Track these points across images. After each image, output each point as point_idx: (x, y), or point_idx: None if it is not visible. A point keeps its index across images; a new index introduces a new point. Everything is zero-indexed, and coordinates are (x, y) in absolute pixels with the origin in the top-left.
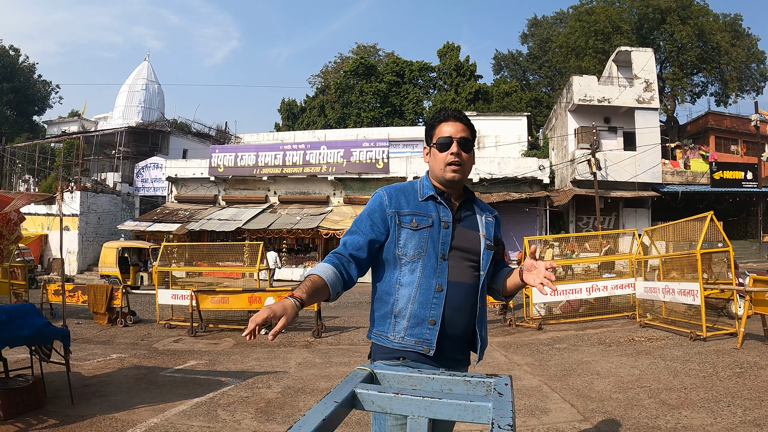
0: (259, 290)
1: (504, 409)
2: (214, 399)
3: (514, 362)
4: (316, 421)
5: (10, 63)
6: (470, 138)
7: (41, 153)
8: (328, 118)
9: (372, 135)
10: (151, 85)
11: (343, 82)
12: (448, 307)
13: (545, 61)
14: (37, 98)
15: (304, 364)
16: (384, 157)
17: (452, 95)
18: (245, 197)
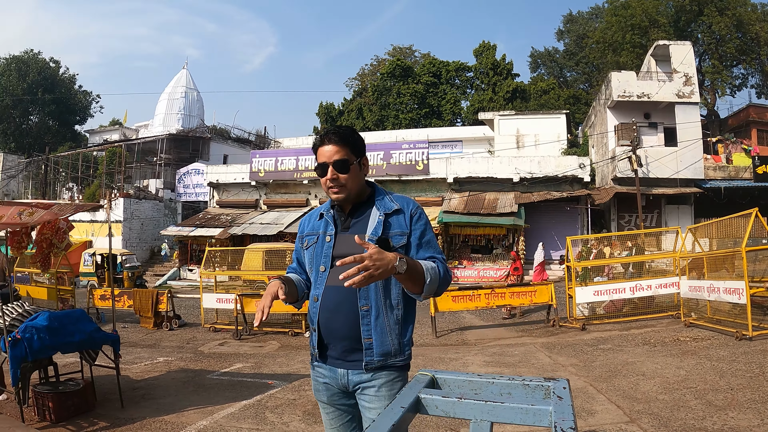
0: None
1: (565, 412)
2: (262, 401)
3: (559, 363)
4: (386, 426)
5: (51, 75)
6: (347, 157)
7: (84, 161)
8: (367, 121)
9: (411, 136)
10: (190, 93)
11: (380, 84)
12: (323, 314)
13: (582, 58)
14: (78, 108)
15: None
16: (424, 159)
17: (489, 94)
18: (286, 201)
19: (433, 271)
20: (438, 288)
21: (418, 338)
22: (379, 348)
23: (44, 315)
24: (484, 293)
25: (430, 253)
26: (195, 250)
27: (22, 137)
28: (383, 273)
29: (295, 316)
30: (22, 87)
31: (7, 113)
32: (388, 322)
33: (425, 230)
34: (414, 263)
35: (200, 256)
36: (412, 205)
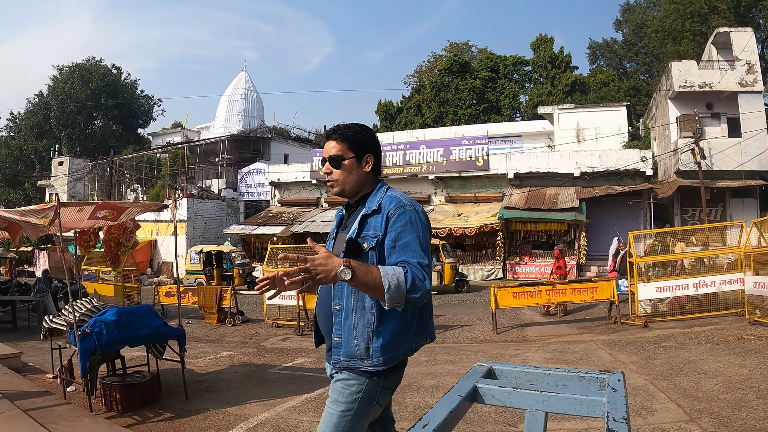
0: None
1: (618, 403)
2: (323, 395)
3: (620, 361)
4: (444, 413)
5: (113, 81)
6: (342, 153)
7: (147, 163)
8: (426, 118)
9: (470, 132)
10: (249, 94)
11: (438, 81)
12: (317, 306)
13: (641, 48)
14: (140, 112)
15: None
16: (483, 155)
17: (548, 88)
18: None
19: (395, 279)
20: (408, 296)
21: (479, 334)
22: (345, 348)
23: (113, 310)
24: (545, 289)
25: (403, 257)
26: (257, 248)
27: (87, 141)
28: (324, 279)
29: None
30: (86, 93)
31: (73, 119)
32: (356, 325)
33: (403, 232)
34: (367, 272)
35: (263, 254)
36: (393, 205)
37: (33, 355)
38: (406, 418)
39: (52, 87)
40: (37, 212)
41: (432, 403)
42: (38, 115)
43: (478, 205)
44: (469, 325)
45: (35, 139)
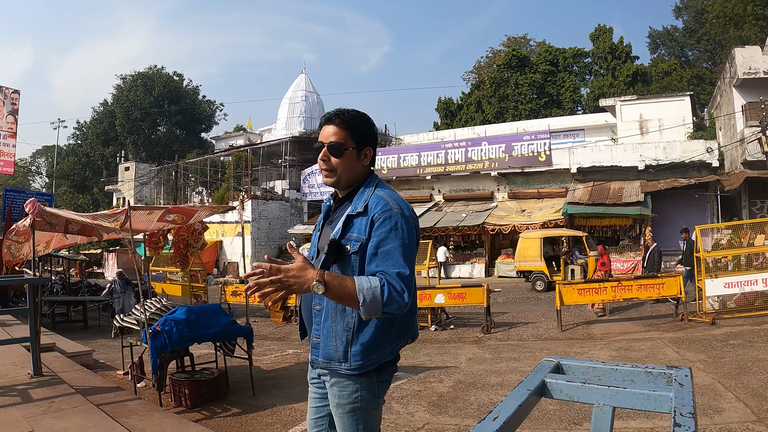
0: (429, 287)
1: (685, 398)
2: (388, 392)
3: (686, 359)
4: (513, 406)
5: (175, 87)
6: (344, 141)
7: (212, 166)
8: (486, 114)
9: (532, 127)
10: (310, 96)
11: (498, 76)
12: (301, 303)
13: (703, 34)
14: (203, 117)
15: (474, 359)
16: (546, 150)
17: (609, 80)
18: (410, 197)
19: (370, 292)
20: (384, 308)
21: (543, 332)
22: (323, 350)
23: (182, 309)
24: (610, 286)
25: (383, 266)
26: None
27: (152, 147)
28: (297, 290)
29: (421, 310)
30: (149, 100)
31: (137, 126)
32: (335, 327)
33: (386, 239)
34: (341, 286)
35: None
36: (380, 208)
37: (104, 353)
38: (471, 416)
39: (116, 96)
40: (108, 216)
41: (496, 401)
42: (104, 123)
43: (542, 201)
44: (534, 323)
45: (102, 145)
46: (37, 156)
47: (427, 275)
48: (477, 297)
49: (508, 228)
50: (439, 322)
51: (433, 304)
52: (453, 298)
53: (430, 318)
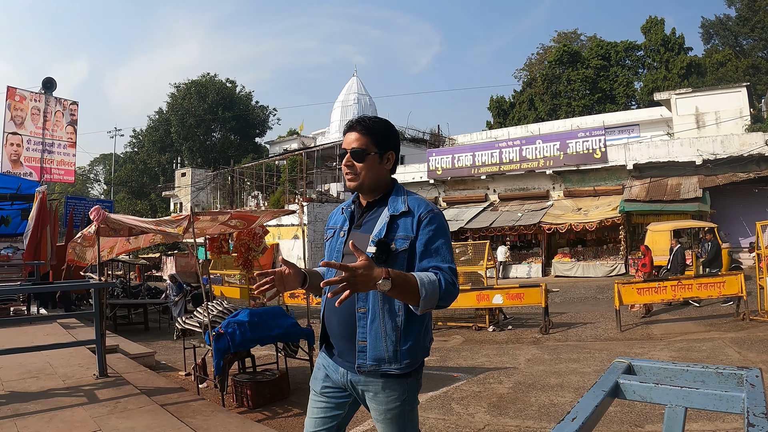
0: (487, 288)
1: (757, 399)
2: (448, 393)
3: (749, 359)
4: (590, 407)
5: (228, 94)
6: (366, 147)
7: (267, 171)
8: (539, 111)
9: (586, 124)
10: (362, 99)
11: (549, 73)
12: (327, 310)
13: (757, 22)
14: (257, 122)
15: (533, 360)
16: (601, 146)
17: (663, 73)
18: (465, 197)
19: (430, 286)
20: (439, 302)
21: (602, 332)
22: (372, 353)
23: (245, 311)
24: (670, 285)
25: (434, 262)
26: None
27: (207, 153)
28: (363, 288)
29: (479, 311)
30: (204, 107)
31: (192, 132)
32: (385, 328)
33: (434, 236)
34: (405, 282)
35: None
36: (423, 208)
37: (165, 354)
38: (531, 417)
39: (171, 104)
40: (171, 222)
41: (557, 403)
42: (159, 131)
43: (598, 198)
44: (593, 323)
45: (158, 152)
46: (95, 164)
47: (484, 275)
48: (535, 297)
49: (564, 227)
50: (497, 322)
51: (491, 304)
52: (511, 299)
53: (488, 318)
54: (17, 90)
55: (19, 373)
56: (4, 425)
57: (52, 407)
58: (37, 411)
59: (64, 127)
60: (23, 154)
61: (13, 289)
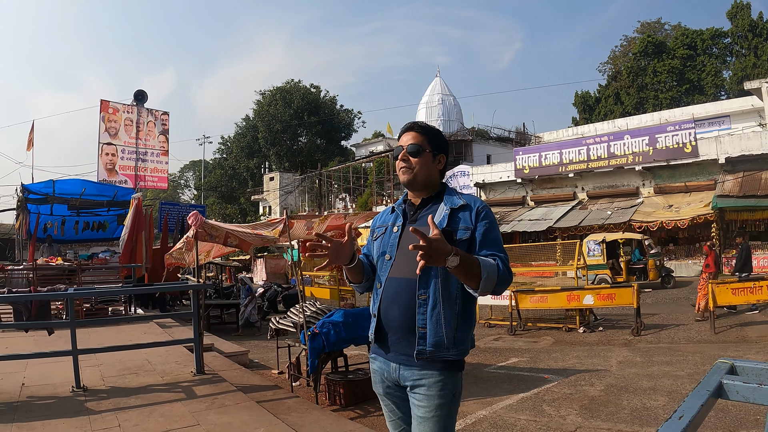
0: (578, 288)
1: None
2: (539, 395)
3: None
4: (696, 407)
5: (313, 99)
6: (422, 144)
7: (354, 173)
8: (625, 105)
9: (674, 117)
10: (446, 99)
11: (634, 65)
12: (384, 302)
13: None
14: (342, 126)
15: (624, 362)
16: (691, 140)
17: (752, 60)
18: (553, 196)
19: (491, 269)
20: (496, 286)
21: (695, 334)
22: (432, 338)
23: (339, 312)
24: (766, 285)
25: (492, 251)
26: None
27: (295, 157)
28: (436, 260)
29: (569, 311)
30: (289, 113)
31: (279, 137)
32: (445, 314)
33: (490, 228)
34: (469, 260)
35: None
36: (478, 203)
37: (257, 353)
38: (624, 420)
39: (257, 110)
40: (267, 225)
41: (649, 406)
42: (247, 137)
43: (689, 194)
44: (685, 325)
45: (246, 158)
46: (184, 171)
47: (575, 275)
48: (627, 297)
49: (655, 225)
50: (588, 323)
51: (582, 305)
52: (602, 299)
53: (578, 319)
54: (110, 103)
55: (119, 369)
56: (106, 418)
57: (151, 402)
58: (138, 405)
59: (156, 137)
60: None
61: (117, 291)
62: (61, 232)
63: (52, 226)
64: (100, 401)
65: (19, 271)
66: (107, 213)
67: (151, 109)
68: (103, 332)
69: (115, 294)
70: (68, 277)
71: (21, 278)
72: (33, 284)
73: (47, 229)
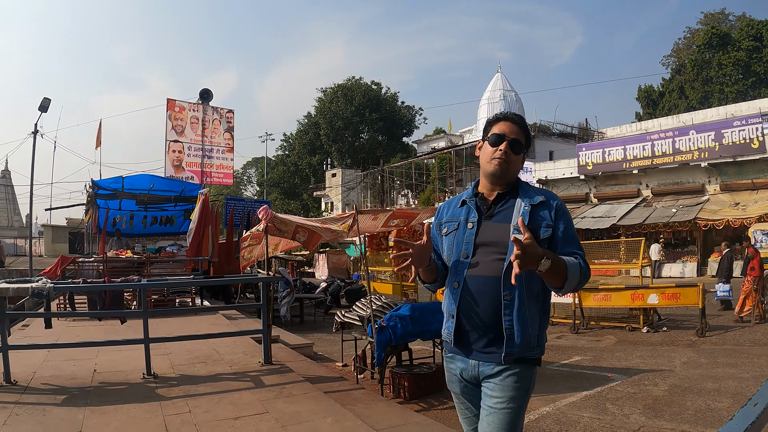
0: (642, 287)
1: None
2: (602, 393)
3: None
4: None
5: (374, 96)
6: (522, 142)
7: (416, 169)
8: (690, 100)
9: (741, 111)
10: (508, 95)
11: (698, 58)
12: (463, 302)
13: None
14: (403, 122)
15: (689, 363)
16: (758, 135)
17: None
18: (617, 192)
19: (574, 268)
20: (578, 285)
21: (761, 336)
22: (520, 338)
23: (406, 306)
24: None
25: (573, 248)
26: None
27: (356, 153)
28: (531, 264)
29: (633, 311)
30: (351, 110)
31: (341, 134)
32: (530, 313)
33: (569, 226)
34: (558, 262)
35: None
36: (556, 200)
37: (321, 346)
38: (687, 421)
39: (318, 108)
40: (336, 220)
41: (714, 407)
42: (309, 134)
43: (756, 192)
44: (751, 326)
45: (308, 154)
46: (247, 167)
47: (639, 274)
48: (692, 297)
49: (721, 223)
50: (651, 323)
51: (646, 304)
52: (667, 299)
53: (641, 319)
54: (176, 101)
55: (188, 358)
56: (177, 404)
57: (220, 390)
58: (207, 393)
59: (221, 134)
60: (184, 160)
61: (187, 282)
62: (129, 226)
63: (121, 221)
64: (170, 388)
65: (90, 263)
66: (174, 208)
67: (217, 107)
68: (171, 323)
69: (186, 285)
70: (137, 269)
71: (92, 270)
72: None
73: (116, 223)
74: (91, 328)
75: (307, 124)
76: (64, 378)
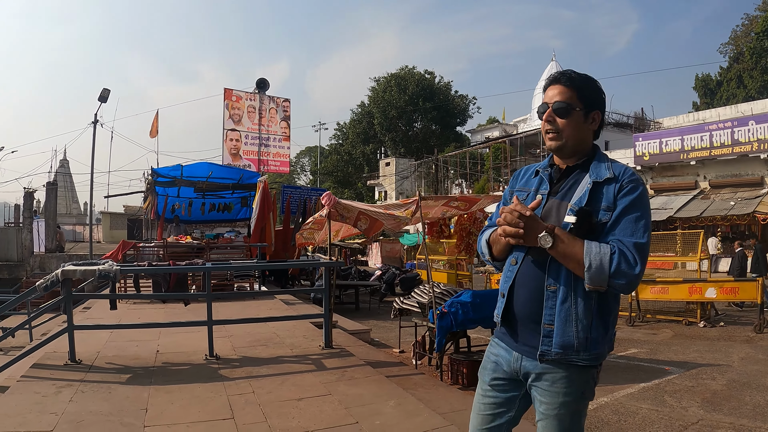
0: (700, 280)
1: None
2: (660, 385)
3: None
4: None
5: (428, 85)
6: (571, 101)
7: (470, 159)
8: (749, 89)
9: None
10: None
11: (757, 46)
12: (517, 281)
13: None
14: (457, 111)
15: (747, 359)
16: None
17: None
18: (673, 184)
19: (597, 258)
20: (610, 279)
21: None
22: (560, 338)
23: (468, 292)
24: None
25: (619, 235)
26: None
27: (410, 142)
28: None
29: (690, 304)
30: (404, 99)
31: (394, 123)
32: (576, 310)
33: (631, 206)
34: (569, 243)
35: None
36: (627, 175)
37: (377, 332)
38: (746, 416)
39: (372, 97)
40: (400, 206)
41: None
42: (362, 123)
43: None
44: None
45: (362, 144)
46: (300, 156)
47: (698, 268)
48: (750, 292)
49: None
50: (708, 318)
51: (704, 298)
52: (725, 293)
53: (699, 313)
54: (233, 91)
55: (249, 341)
56: (240, 384)
57: (283, 372)
58: (269, 374)
59: (278, 123)
60: (242, 148)
61: (250, 265)
62: (188, 213)
63: (179, 207)
64: (233, 369)
65: (151, 248)
66: (231, 195)
67: (273, 96)
68: (231, 306)
69: (249, 269)
70: (197, 254)
71: (152, 255)
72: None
73: (175, 210)
74: (151, 310)
75: (360, 114)
76: (127, 358)
